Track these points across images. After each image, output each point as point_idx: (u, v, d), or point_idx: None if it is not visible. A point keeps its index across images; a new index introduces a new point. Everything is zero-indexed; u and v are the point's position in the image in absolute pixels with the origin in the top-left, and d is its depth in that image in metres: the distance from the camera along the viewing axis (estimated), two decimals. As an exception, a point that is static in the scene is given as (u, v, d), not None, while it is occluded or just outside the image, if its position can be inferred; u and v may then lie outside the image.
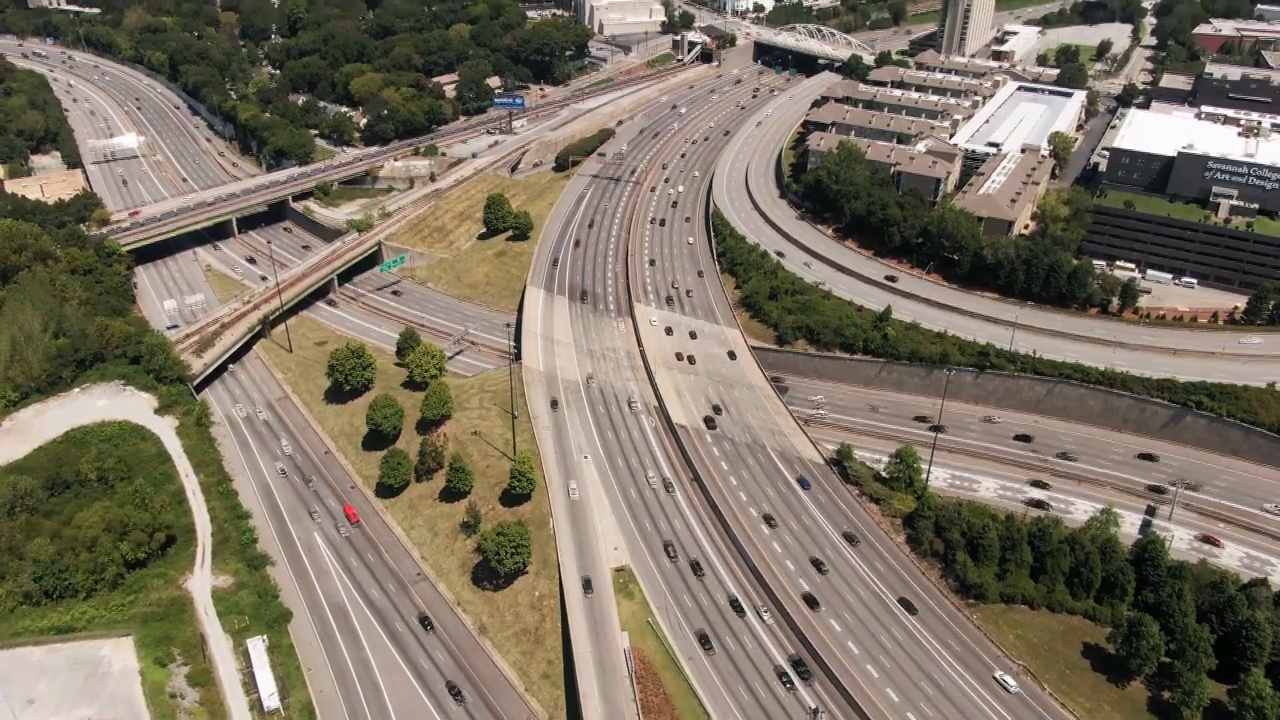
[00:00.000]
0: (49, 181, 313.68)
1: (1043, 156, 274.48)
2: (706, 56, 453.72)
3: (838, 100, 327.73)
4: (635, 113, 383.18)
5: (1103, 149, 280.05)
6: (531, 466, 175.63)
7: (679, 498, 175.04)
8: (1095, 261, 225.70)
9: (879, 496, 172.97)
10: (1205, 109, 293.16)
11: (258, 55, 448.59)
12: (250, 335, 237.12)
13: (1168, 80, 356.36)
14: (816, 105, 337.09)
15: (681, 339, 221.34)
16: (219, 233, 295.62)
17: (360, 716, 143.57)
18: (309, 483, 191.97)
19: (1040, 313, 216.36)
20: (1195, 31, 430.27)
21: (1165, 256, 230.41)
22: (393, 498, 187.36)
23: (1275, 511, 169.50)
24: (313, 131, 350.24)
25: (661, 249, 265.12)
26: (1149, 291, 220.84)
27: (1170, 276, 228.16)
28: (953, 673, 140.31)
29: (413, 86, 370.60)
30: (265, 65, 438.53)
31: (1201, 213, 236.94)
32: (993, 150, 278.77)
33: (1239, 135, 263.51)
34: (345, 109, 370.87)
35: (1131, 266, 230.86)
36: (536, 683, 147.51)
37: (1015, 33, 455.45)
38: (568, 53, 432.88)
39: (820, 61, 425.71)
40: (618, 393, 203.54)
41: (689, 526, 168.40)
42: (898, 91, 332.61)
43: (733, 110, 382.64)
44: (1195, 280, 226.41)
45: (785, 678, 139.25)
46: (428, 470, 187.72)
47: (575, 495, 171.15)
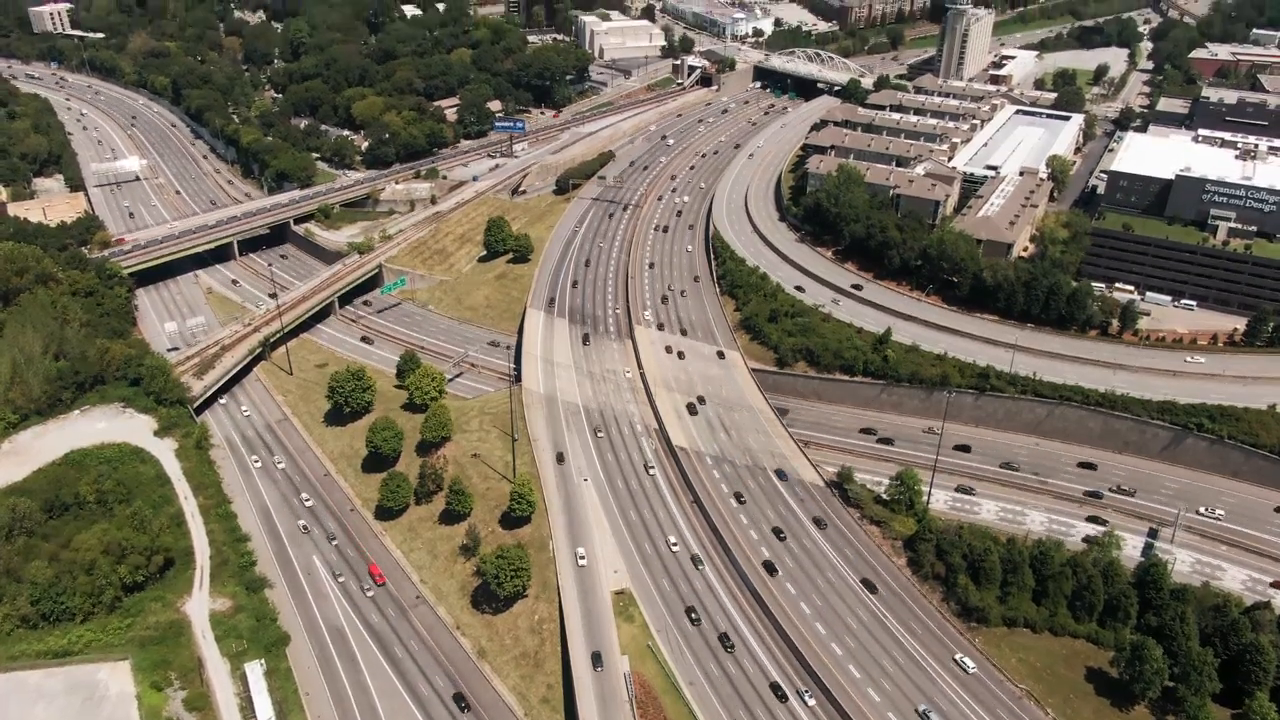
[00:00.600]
0: (51, 204, 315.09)
1: (1041, 179, 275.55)
2: (706, 81, 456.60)
3: (837, 124, 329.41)
4: (635, 136, 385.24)
5: (1101, 172, 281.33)
6: (531, 489, 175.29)
7: (679, 521, 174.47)
8: (1094, 284, 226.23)
9: (880, 519, 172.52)
10: (1202, 132, 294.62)
11: (260, 79, 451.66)
12: (251, 357, 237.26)
13: (1165, 104, 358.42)
14: (815, 129, 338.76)
15: (682, 361, 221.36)
16: (220, 255, 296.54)
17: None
18: (307, 503, 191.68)
19: (1040, 335, 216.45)
20: (1191, 56, 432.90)
21: (1164, 279, 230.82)
22: (392, 520, 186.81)
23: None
24: (314, 155, 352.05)
25: (662, 257, 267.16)
26: (1148, 313, 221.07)
27: (1169, 298, 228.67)
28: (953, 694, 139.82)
29: (414, 110, 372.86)
30: (268, 89, 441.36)
31: (1200, 235, 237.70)
32: (991, 173, 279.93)
33: (1236, 158, 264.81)
34: (347, 132, 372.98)
35: (1131, 288, 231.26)
36: (536, 707, 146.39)
37: (1013, 57, 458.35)
38: (568, 77, 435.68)
39: (819, 85, 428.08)
40: (618, 415, 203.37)
41: (689, 548, 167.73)
42: (896, 115, 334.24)
43: (732, 134, 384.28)
44: (1194, 302, 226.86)
45: (779, 691, 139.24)
46: (427, 492, 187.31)
47: (582, 558, 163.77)
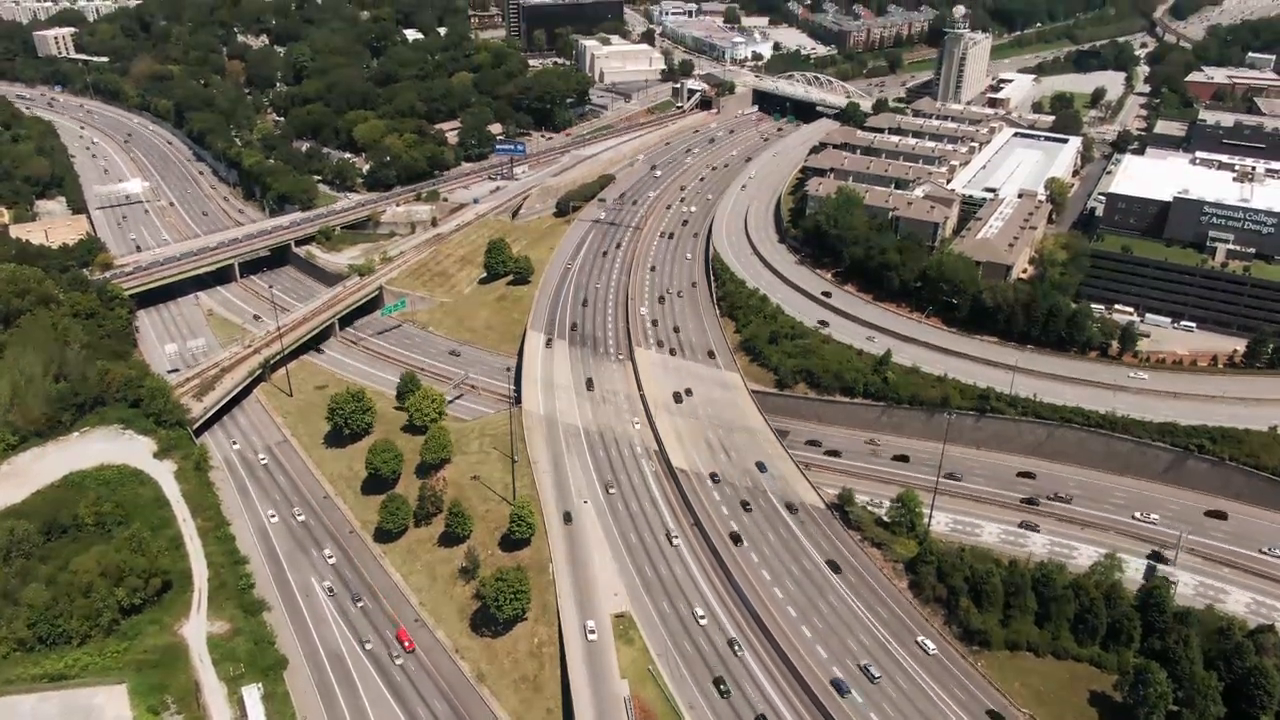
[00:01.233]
0: (53, 226, 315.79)
1: (1040, 201, 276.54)
2: (706, 104, 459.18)
3: (836, 146, 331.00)
4: (635, 158, 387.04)
5: (1099, 194, 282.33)
6: (531, 511, 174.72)
7: (679, 543, 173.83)
8: (1094, 305, 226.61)
9: (880, 541, 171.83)
10: (1200, 154, 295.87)
11: (262, 102, 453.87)
12: (251, 379, 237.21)
13: (1162, 126, 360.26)
14: (815, 151, 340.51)
15: (681, 382, 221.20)
16: (221, 277, 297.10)
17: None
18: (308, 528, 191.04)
19: (1040, 356, 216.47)
20: (1188, 79, 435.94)
21: (1164, 300, 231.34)
22: (391, 542, 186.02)
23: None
24: (316, 177, 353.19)
25: (663, 263, 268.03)
26: (1148, 335, 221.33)
27: (1169, 320, 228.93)
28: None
29: (415, 133, 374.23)
30: (270, 112, 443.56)
31: (1198, 257, 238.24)
32: (990, 195, 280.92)
33: (1234, 180, 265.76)
34: (348, 155, 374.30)
35: (1130, 310, 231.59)
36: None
37: (1010, 80, 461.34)
38: (569, 100, 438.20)
39: (818, 108, 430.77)
40: (618, 437, 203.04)
41: (689, 572, 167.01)
42: (895, 138, 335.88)
43: (731, 156, 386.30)
44: (1194, 324, 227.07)
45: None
46: (427, 515, 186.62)
47: (592, 632, 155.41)
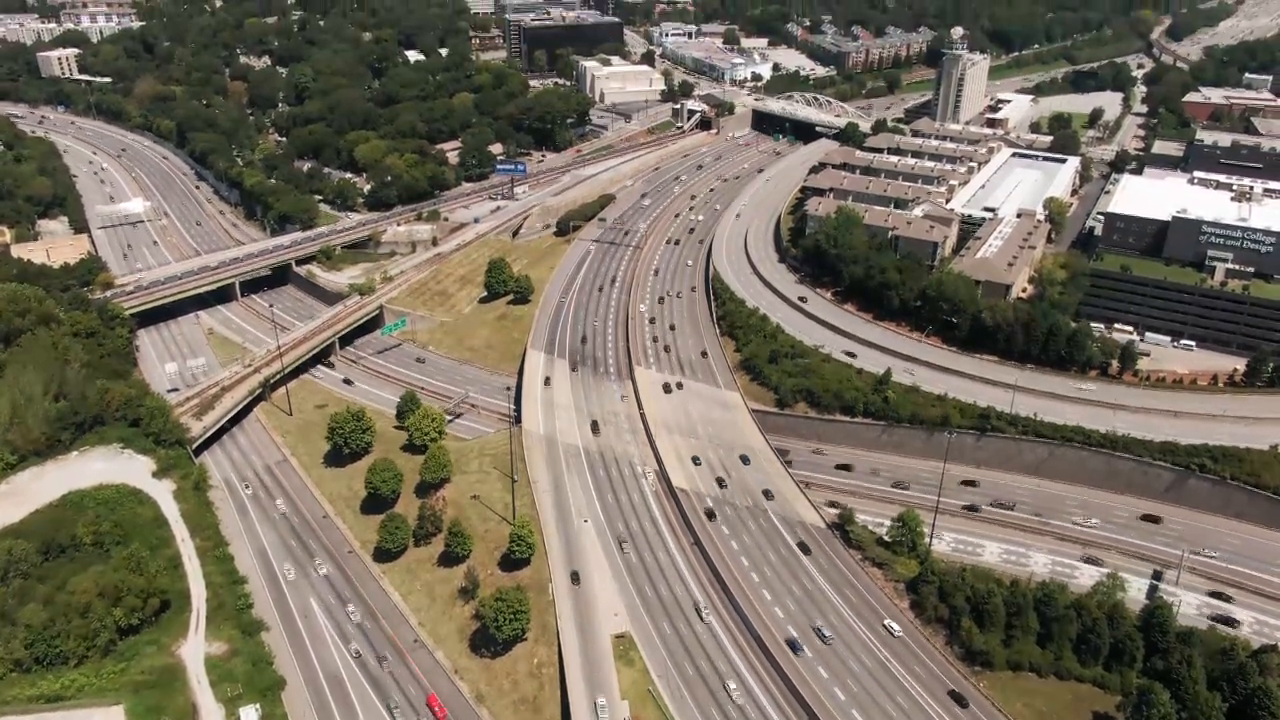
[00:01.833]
0: (55, 246, 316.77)
1: (1039, 221, 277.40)
2: (706, 124, 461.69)
3: (835, 166, 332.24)
4: (636, 178, 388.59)
5: (1098, 213, 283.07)
6: (531, 531, 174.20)
7: (680, 563, 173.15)
8: (1093, 324, 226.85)
9: (881, 561, 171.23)
10: (1197, 174, 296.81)
11: (264, 123, 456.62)
12: (251, 398, 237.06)
13: (1160, 146, 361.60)
14: (814, 171, 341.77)
15: (682, 402, 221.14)
16: (222, 296, 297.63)
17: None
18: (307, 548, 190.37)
19: (1040, 375, 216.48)
20: (1185, 100, 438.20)
21: (1163, 319, 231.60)
22: (390, 562, 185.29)
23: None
24: (317, 197, 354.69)
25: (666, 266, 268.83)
26: (1148, 354, 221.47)
27: (1169, 339, 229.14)
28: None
29: (416, 153, 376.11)
30: (272, 132, 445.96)
31: (1197, 276, 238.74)
32: (989, 215, 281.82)
33: (1232, 200, 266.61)
34: (349, 175, 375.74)
35: (1130, 329, 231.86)
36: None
37: (1008, 100, 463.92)
38: (569, 120, 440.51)
39: (817, 129, 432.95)
40: (618, 456, 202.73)
41: (690, 592, 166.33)
42: (894, 158, 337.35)
43: (731, 177, 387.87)
44: (1193, 343, 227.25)
45: None
46: (426, 534, 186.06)
47: (604, 707, 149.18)
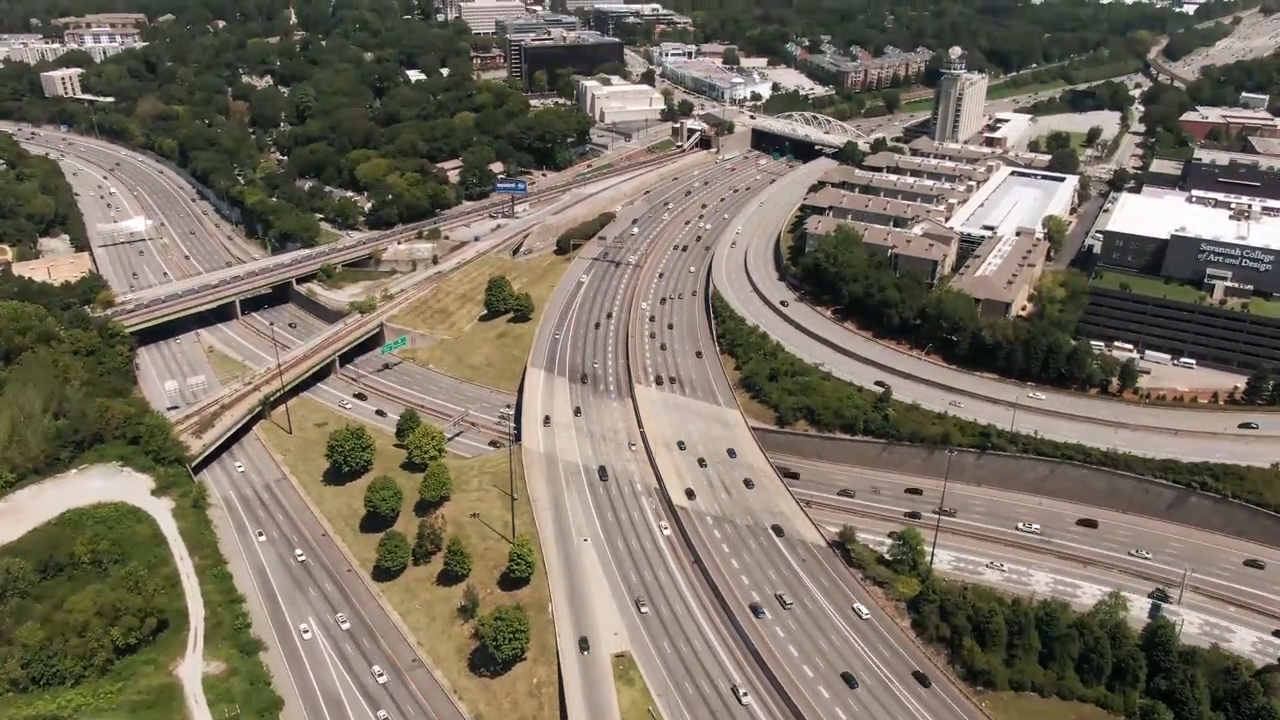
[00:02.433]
0: (56, 264, 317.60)
1: (1038, 239, 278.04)
2: (705, 143, 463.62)
3: (834, 185, 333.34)
4: (635, 197, 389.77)
5: (1097, 232, 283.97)
6: (530, 550, 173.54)
7: (680, 581, 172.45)
8: (1093, 342, 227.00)
9: (882, 580, 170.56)
10: (1196, 193, 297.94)
11: (266, 142, 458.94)
12: (250, 416, 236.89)
13: (1158, 165, 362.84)
14: (814, 190, 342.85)
15: (682, 420, 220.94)
16: (222, 314, 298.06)
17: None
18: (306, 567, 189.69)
19: (1040, 393, 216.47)
20: (1182, 119, 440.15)
21: (1163, 337, 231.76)
22: (390, 581, 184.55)
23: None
24: (318, 215, 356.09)
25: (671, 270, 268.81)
26: (1148, 372, 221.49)
27: (1169, 357, 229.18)
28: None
29: (417, 172, 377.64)
30: (273, 151, 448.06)
31: (1197, 294, 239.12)
32: (988, 233, 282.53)
33: (1230, 218, 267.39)
34: (350, 193, 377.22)
35: (1130, 347, 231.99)
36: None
37: (1007, 120, 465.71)
38: (569, 139, 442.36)
39: (816, 148, 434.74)
40: (618, 474, 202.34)
41: (690, 611, 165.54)
42: (893, 177, 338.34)
43: (730, 195, 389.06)
44: (1193, 360, 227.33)
45: None
46: (425, 553, 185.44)
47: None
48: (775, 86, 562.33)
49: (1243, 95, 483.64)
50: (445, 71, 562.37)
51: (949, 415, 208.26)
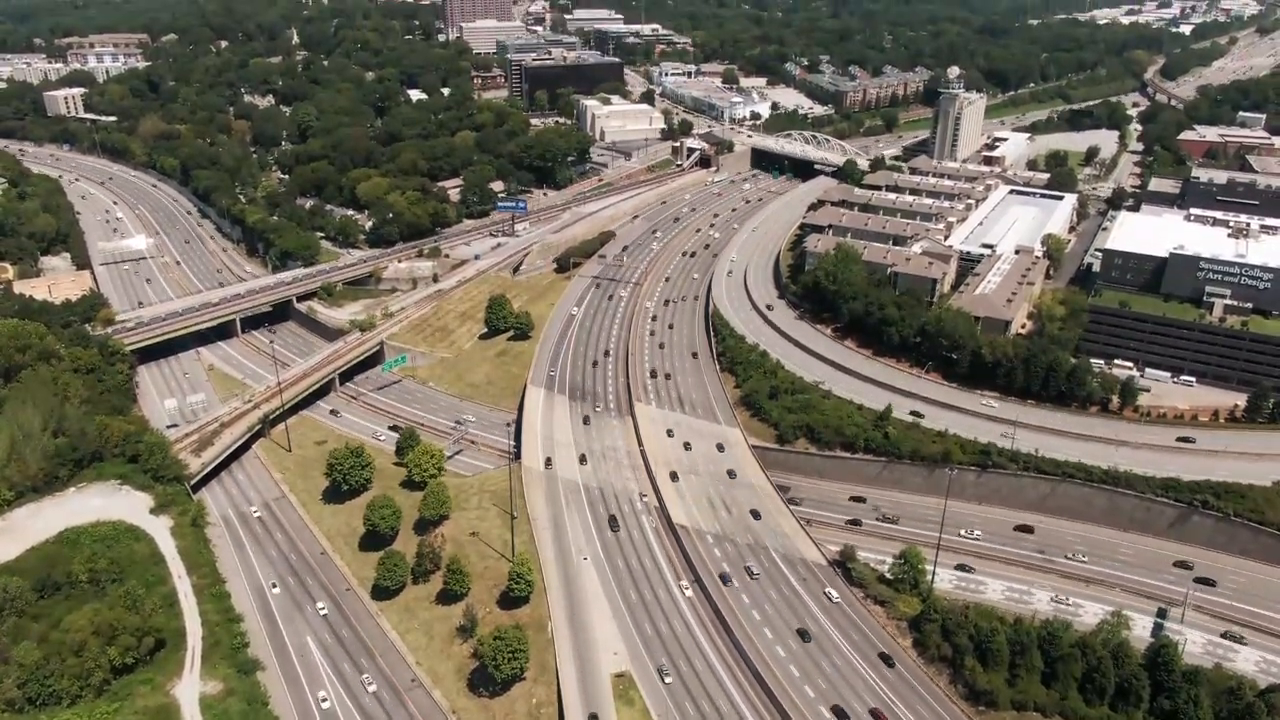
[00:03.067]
0: (57, 282, 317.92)
1: (1037, 257, 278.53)
2: (705, 162, 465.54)
3: (834, 203, 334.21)
4: (635, 215, 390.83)
5: (1096, 250, 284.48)
6: (530, 568, 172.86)
7: (680, 601, 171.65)
8: (1093, 360, 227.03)
9: (884, 599, 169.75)
10: (1194, 211, 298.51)
11: (268, 161, 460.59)
12: (250, 434, 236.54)
13: (1156, 184, 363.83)
14: (813, 208, 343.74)
15: (682, 438, 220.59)
16: (223, 332, 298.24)
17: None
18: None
19: (1041, 411, 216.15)
20: (1180, 137, 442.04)
21: (1163, 355, 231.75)
22: (389, 600, 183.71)
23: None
24: (319, 234, 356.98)
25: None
26: (1148, 389, 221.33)
27: (1169, 374, 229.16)
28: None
29: (418, 190, 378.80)
30: (275, 170, 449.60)
31: (1196, 312, 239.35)
32: (987, 251, 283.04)
33: (1229, 236, 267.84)
34: (351, 212, 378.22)
35: (1130, 365, 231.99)
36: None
37: (1005, 139, 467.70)
38: (569, 158, 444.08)
39: (816, 166, 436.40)
40: (618, 493, 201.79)
41: (690, 630, 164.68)
42: (892, 195, 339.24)
43: (730, 213, 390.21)
44: (1194, 378, 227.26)
45: None
46: (425, 572, 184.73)
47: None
48: (774, 106, 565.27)
49: (1240, 114, 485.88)
50: (446, 91, 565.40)
51: (949, 433, 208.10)
